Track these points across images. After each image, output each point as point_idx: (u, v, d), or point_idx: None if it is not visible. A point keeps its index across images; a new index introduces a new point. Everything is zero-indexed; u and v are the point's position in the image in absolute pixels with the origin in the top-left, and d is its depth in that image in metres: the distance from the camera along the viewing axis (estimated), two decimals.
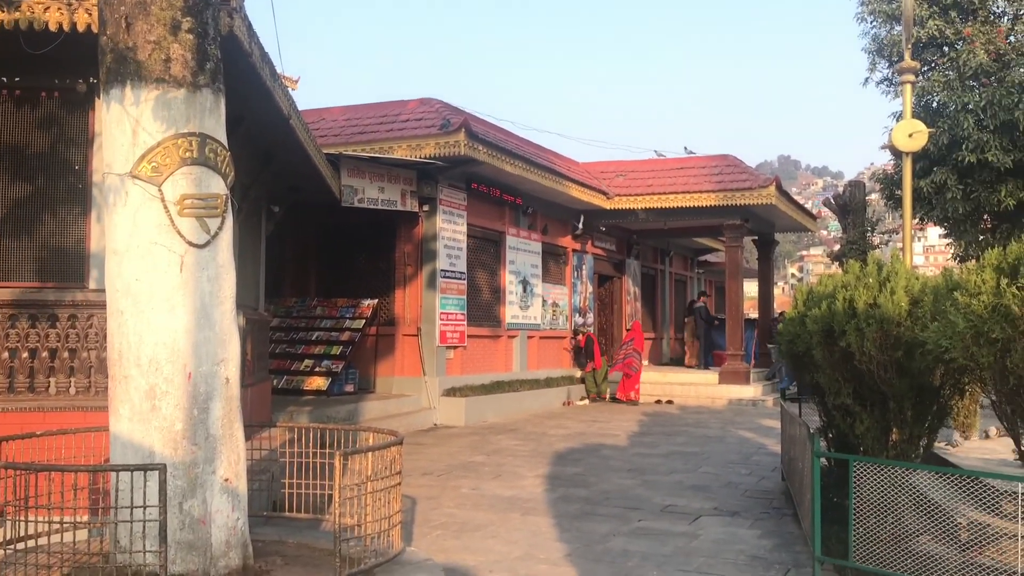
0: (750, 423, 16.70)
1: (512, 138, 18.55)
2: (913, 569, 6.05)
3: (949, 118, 17.78)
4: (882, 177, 22.24)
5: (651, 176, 21.52)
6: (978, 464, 8.03)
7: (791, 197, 22.70)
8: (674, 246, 28.82)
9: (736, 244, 21.62)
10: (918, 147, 14.56)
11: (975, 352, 5.46)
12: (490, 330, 18.12)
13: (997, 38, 18.38)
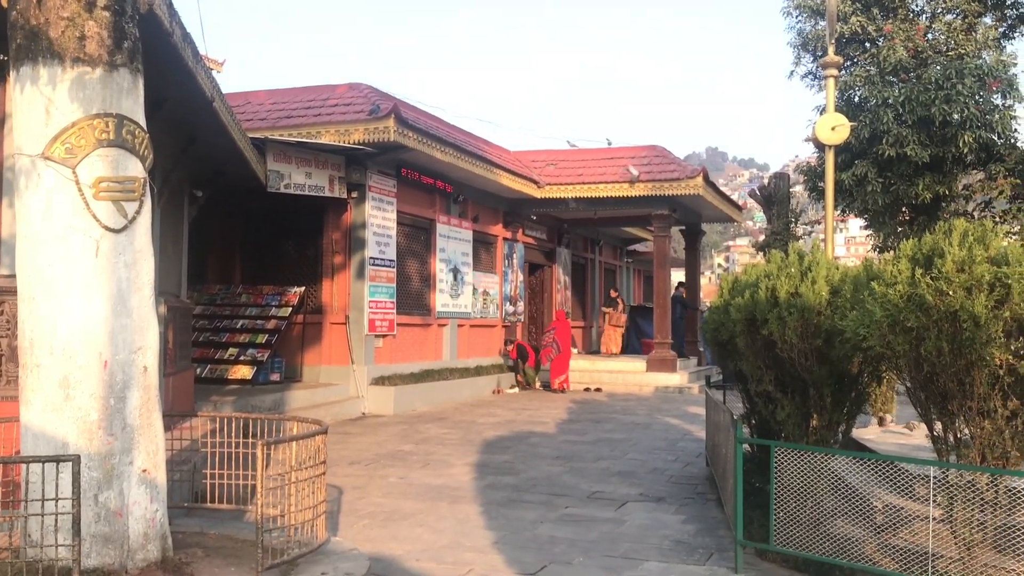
0: (677, 410, 16.95)
1: (443, 125, 18.44)
2: (831, 551, 6.21)
3: (870, 112, 18.24)
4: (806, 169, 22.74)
5: (581, 165, 21.65)
6: (894, 449, 8.26)
7: (717, 188, 23.07)
8: (604, 235, 29.07)
9: (664, 234, 21.89)
10: (840, 140, 14.90)
11: (891, 340, 5.61)
12: (420, 318, 18.03)
13: (916, 36, 18.91)
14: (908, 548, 5.91)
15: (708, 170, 21.86)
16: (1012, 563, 5.44)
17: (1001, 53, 18.68)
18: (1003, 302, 5.23)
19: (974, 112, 17.68)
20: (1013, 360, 5.24)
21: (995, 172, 18.66)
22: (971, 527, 5.52)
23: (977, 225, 5.64)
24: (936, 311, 5.38)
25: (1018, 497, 5.71)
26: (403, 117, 14.83)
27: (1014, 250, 5.33)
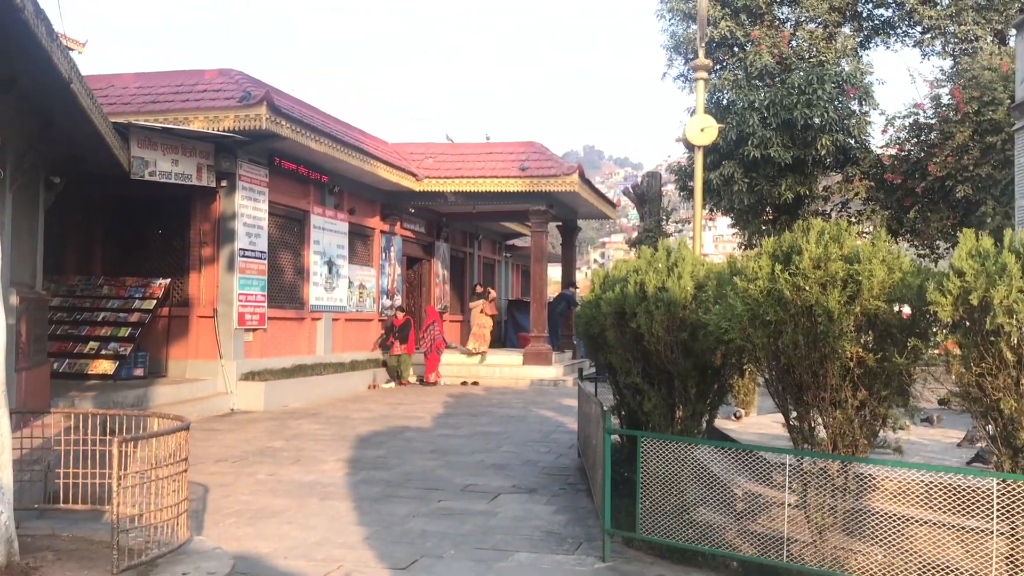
0: (551, 403, 17.17)
1: (318, 114, 18.09)
2: (694, 538, 6.41)
3: (737, 115, 18.89)
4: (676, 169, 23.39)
5: (460, 160, 21.63)
6: (754, 439, 8.58)
7: (593, 185, 23.47)
8: (483, 230, 29.15)
9: (541, 229, 22.12)
10: (709, 141, 15.40)
11: (751, 333, 5.83)
12: (293, 312, 17.64)
13: (781, 42, 19.72)
14: (766, 533, 6.16)
15: (585, 168, 22.21)
16: (860, 545, 5.74)
17: (858, 62, 19.66)
18: (855, 298, 5.50)
19: (833, 117, 18.57)
20: (863, 353, 5.53)
21: (851, 174, 19.66)
22: (823, 512, 5.79)
23: (833, 224, 5.91)
24: (793, 306, 5.62)
25: (866, 483, 6.03)
26: (276, 105, 14.46)
27: (866, 249, 5.62)
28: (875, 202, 19.73)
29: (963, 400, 5.25)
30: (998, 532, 5.07)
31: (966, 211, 17.78)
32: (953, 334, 5.16)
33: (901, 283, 5.45)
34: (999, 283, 4.85)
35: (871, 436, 5.80)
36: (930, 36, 21.50)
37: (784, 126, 18.56)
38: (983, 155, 17.22)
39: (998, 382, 4.96)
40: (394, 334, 20.32)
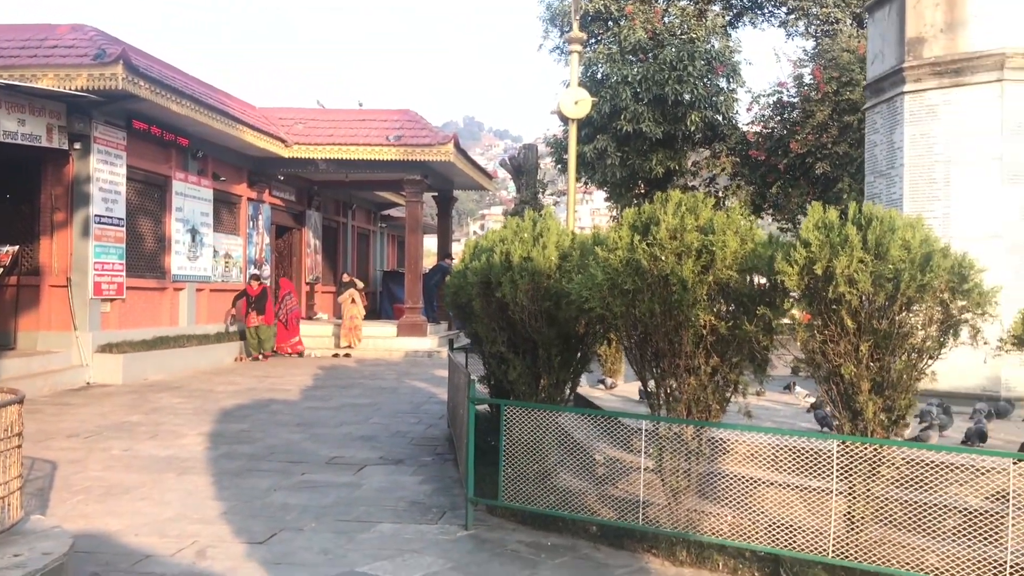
0: (424, 374, 17.11)
1: (180, 75, 17.31)
2: (555, 504, 6.48)
3: (611, 89, 19.13)
4: (553, 141, 23.55)
5: (332, 126, 21.14)
6: (618, 406, 8.75)
7: (469, 156, 23.37)
8: (357, 199, 28.67)
9: (416, 199, 21.90)
10: (583, 114, 15.53)
11: (611, 302, 5.90)
12: (155, 282, 16.93)
13: (654, 18, 20.03)
14: (624, 497, 6.29)
15: (464, 139, 22.11)
16: (712, 507, 5.93)
17: (727, 40, 20.17)
18: (708, 268, 5.64)
19: (702, 93, 19.06)
20: (715, 321, 5.67)
21: (719, 150, 20.26)
22: (678, 475, 5.94)
23: (690, 196, 6.03)
24: (650, 275, 5.71)
25: (719, 447, 6.23)
26: (133, 64, 13.73)
27: (720, 220, 5.75)
28: (741, 178, 20.40)
29: (808, 366, 5.46)
30: (838, 491, 5.32)
31: (825, 187, 18.59)
32: (800, 303, 5.35)
33: (753, 254, 5.61)
34: (841, 254, 5.04)
35: (723, 401, 5.98)
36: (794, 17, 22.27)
37: (656, 101, 18.92)
38: (841, 133, 18.01)
39: (839, 348, 5.17)
40: (250, 304, 19.24)
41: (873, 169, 9.50)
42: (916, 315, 5.17)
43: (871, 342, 5.13)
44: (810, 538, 5.41)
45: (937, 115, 8.57)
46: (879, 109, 9.35)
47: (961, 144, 8.46)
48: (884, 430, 5.27)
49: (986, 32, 8.34)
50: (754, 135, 19.84)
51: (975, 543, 5.02)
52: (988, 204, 8.32)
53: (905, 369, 5.22)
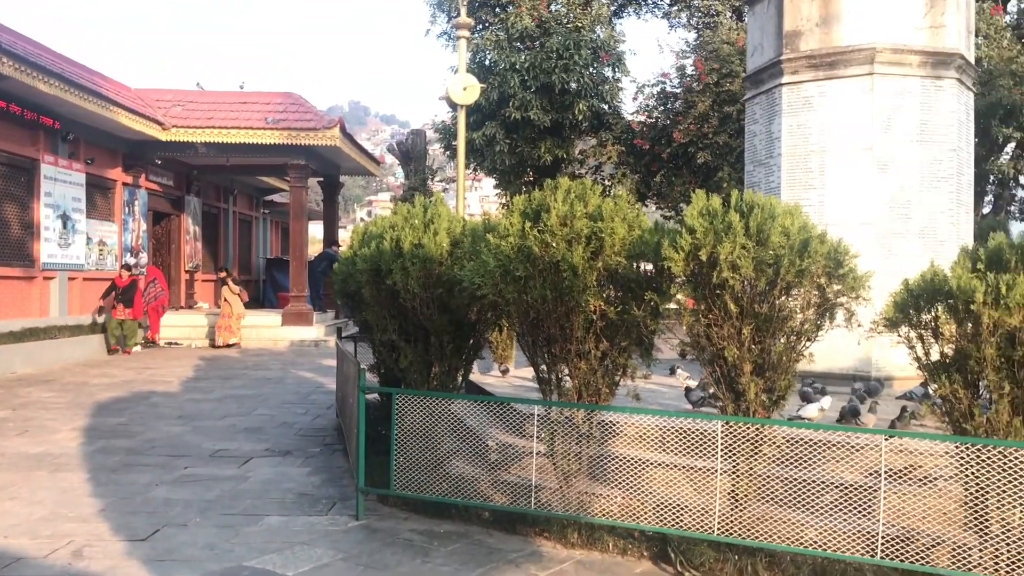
0: (311, 364, 16.81)
1: (48, 53, 16.43)
2: (448, 491, 6.47)
3: (499, 76, 19.15)
4: (441, 127, 23.43)
5: (212, 109, 20.46)
6: (510, 392, 8.81)
7: (356, 140, 23.03)
8: (239, 184, 27.87)
9: (301, 184, 21.45)
10: (470, 101, 15.50)
11: (503, 289, 5.91)
12: (22, 270, 16.04)
13: (541, 6, 20.12)
14: (516, 482, 6.33)
15: (350, 124, 21.73)
16: (602, 488, 6.03)
17: (612, 30, 20.44)
18: (598, 254, 5.71)
19: (588, 82, 19.29)
20: (605, 306, 5.76)
21: (605, 139, 20.56)
22: (569, 459, 6.02)
23: (579, 183, 6.09)
24: (542, 261, 5.74)
25: (609, 430, 6.34)
26: None
27: (608, 207, 5.83)
28: (626, 166, 20.76)
29: (693, 349, 5.61)
30: (722, 471, 5.48)
31: (706, 176, 19.11)
32: (685, 288, 5.48)
33: (640, 240, 5.71)
34: (725, 240, 5.18)
35: (613, 385, 6.08)
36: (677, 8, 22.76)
37: (543, 89, 19.05)
38: (721, 124, 18.54)
39: (723, 332, 5.32)
40: (117, 296, 18.01)
41: (753, 158, 9.81)
42: (795, 299, 5.36)
43: (753, 325, 5.30)
44: (696, 516, 5.57)
45: (813, 106, 8.91)
46: (758, 100, 9.66)
47: (835, 135, 8.82)
48: (765, 410, 5.46)
49: (858, 27, 8.70)
50: (639, 124, 20.22)
51: (851, 517, 5.26)
52: (860, 193, 8.71)
53: (785, 351, 5.41)
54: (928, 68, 8.69)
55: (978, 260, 4.90)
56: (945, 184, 8.76)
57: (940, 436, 5.13)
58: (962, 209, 9.01)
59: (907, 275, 5.36)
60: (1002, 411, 4.75)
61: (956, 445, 4.90)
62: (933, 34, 8.73)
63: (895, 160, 8.68)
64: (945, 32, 8.73)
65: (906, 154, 8.67)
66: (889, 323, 5.19)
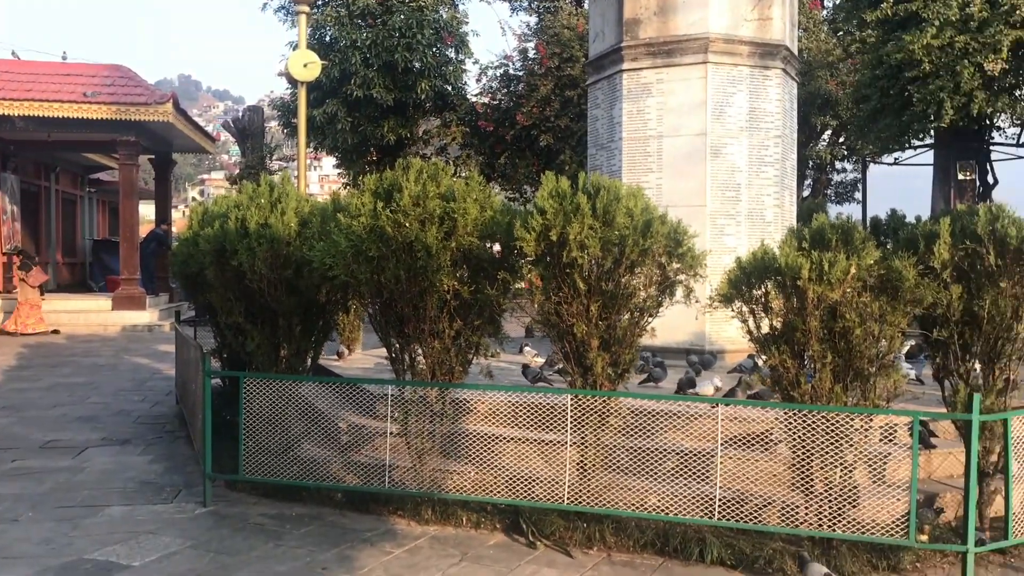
0: (146, 350, 16.10)
1: None
2: (299, 475, 6.42)
3: (340, 53, 18.82)
4: (280, 104, 22.82)
5: (31, 80, 19.11)
6: (360, 374, 8.76)
7: (190, 117, 22.06)
8: (62, 161, 26.14)
9: (131, 162, 20.39)
10: (312, 77, 15.16)
11: (355, 269, 5.90)
12: None
13: None
14: (369, 463, 6.35)
15: (181, 99, 20.80)
16: (456, 465, 6.13)
17: (455, 10, 20.44)
18: (451, 234, 5.78)
19: (432, 62, 19.25)
20: (458, 286, 5.84)
21: (449, 120, 20.59)
22: (423, 437, 6.09)
23: (431, 164, 6.13)
24: (395, 241, 5.76)
25: (462, 407, 6.44)
26: None
27: (460, 187, 5.90)
28: (470, 148, 20.88)
29: (544, 326, 5.79)
30: (571, 443, 5.70)
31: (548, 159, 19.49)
32: (536, 267, 5.64)
33: (492, 221, 5.82)
34: (574, 220, 5.36)
35: (466, 363, 6.18)
36: None
37: (386, 68, 18.87)
38: (563, 107, 18.94)
39: (572, 309, 5.52)
40: None
41: (595, 142, 10.12)
42: (638, 277, 5.62)
43: (600, 303, 5.52)
44: (547, 488, 5.77)
45: (652, 93, 9.27)
46: (600, 86, 9.95)
47: (672, 121, 9.21)
48: (611, 383, 5.70)
49: (693, 17, 9.11)
50: (482, 106, 20.36)
51: (690, 482, 5.58)
52: (695, 176, 9.15)
53: (629, 327, 5.67)
54: (757, 58, 9.21)
55: (803, 239, 5.28)
56: (772, 169, 9.33)
57: (770, 403, 5.52)
58: (787, 192, 9.62)
59: (738, 254, 5.73)
60: (825, 379, 5.17)
61: (784, 411, 5.29)
62: (761, 26, 9.25)
63: (727, 145, 9.16)
64: (772, 25, 9.27)
65: (736, 140, 9.17)
66: (724, 299, 5.52)
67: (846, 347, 5.07)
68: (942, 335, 5.43)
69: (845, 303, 4.99)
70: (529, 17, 23.10)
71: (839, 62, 20.56)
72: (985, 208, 5.29)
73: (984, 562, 5.33)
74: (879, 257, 5.10)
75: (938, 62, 13.75)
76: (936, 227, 5.35)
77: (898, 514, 5.18)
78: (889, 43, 14.57)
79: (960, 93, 13.71)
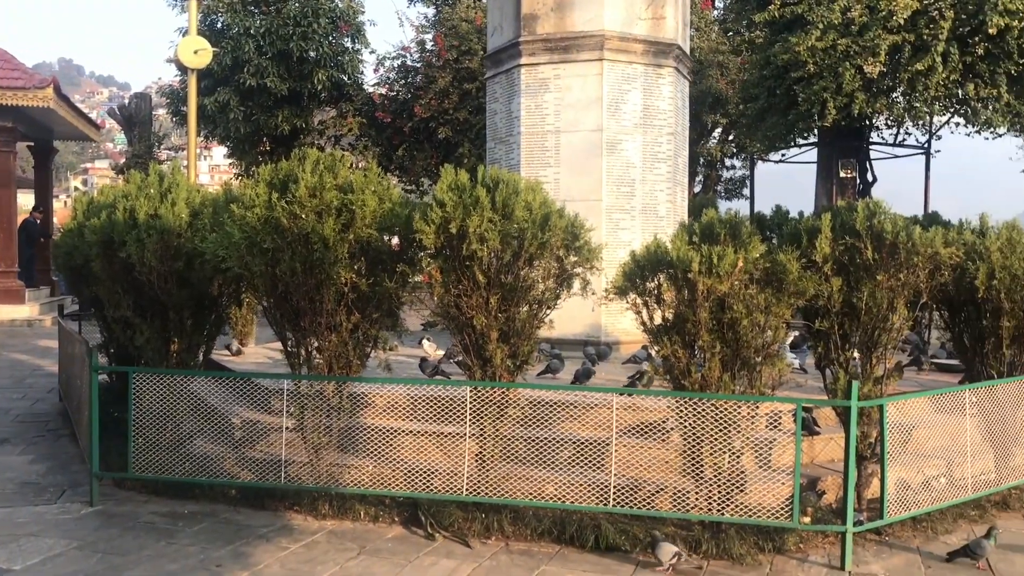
0: (25, 345, 15.38)
1: None
2: (191, 471, 6.27)
3: (233, 40, 18.36)
4: (169, 92, 22.12)
5: None
6: (254, 368, 8.60)
7: (72, 103, 21.15)
8: None
9: (7, 149, 19.40)
10: (203, 64, 14.79)
11: (249, 261, 5.79)
12: None
13: None
14: (264, 459, 6.25)
15: (62, 84, 19.91)
16: (354, 459, 6.10)
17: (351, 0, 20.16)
18: (349, 226, 5.73)
19: (328, 52, 18.97)
20: (356, 279, 5.80)
21: (345, 110, 20.32)
22: (319, 432, 6.03)
23: (328, 155, 6.06)
24: (290, 233, 5.69)
25: (360, 401, 6.40)
26: None
27: (358, 179, 5.86)
28: (367, 139, 20.65)
29: (443, 319, 5.80)
30: (470, 434, 5.74)
31: (447, 151, 19.45)
32: (436, 260, 5.64)
33: (391, 213, 5.80)
34: (474, 213, 5.40)
35: (364, 357, 6.15)
36: None
37: (280, 56, 18.50)
38: (462, 100, 18.93)
39: (472, 301, 5.55)
40: None
41: (494, 136, 10.17)
42: (537, 270, 5.69)
43: (499, 295, 5.57)
44: (446, 480, 5.79)
45: (549, 88, 9.38)
46: (498, 80, 10.01)
47: (569, 116, 9.34)
48: (510, 374, 5.76)
49: (590, 14, 9.24)
50: (380, 97, 20.16)
51: (587, 470, 5.69)
52: (591, 171, 9.30)
53: (528, 319, 5.74)
54: (650, 57, 9.41)
55: (694, 234, 5.45)
56: (664, 165, 9.56)
57: (663, 392, 5.67)
58: (679, 188, 9.88)
59: (632, 248, 5.86)
60: (714, 368, 5.35)
61: (676, 400, 5.45)
62: (655, 25, 9.45)
63: (622, 142, 9.34)
64: (665, 24, 9.49)
65: (631, 137, 9.36)
66: (618, 291, 5.65)
67: (734, 337, 5.25)
68: (823, 326, 5.68)
69: (733, 295, 5.18)
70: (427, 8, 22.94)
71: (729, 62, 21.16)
72: (863, 205, 5.56)
73: (863, 541, 5.62)
74: (765, 251, 5.31)
75: (821, 64, 14.30)
76: (818, 223, 5.59)
77: (783, 498, 5.41)
78: (776, 44, 15.07)
79: (842, 94, 14.30)
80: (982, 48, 13.59)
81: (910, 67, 13.83)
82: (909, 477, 5.82)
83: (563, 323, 6.59)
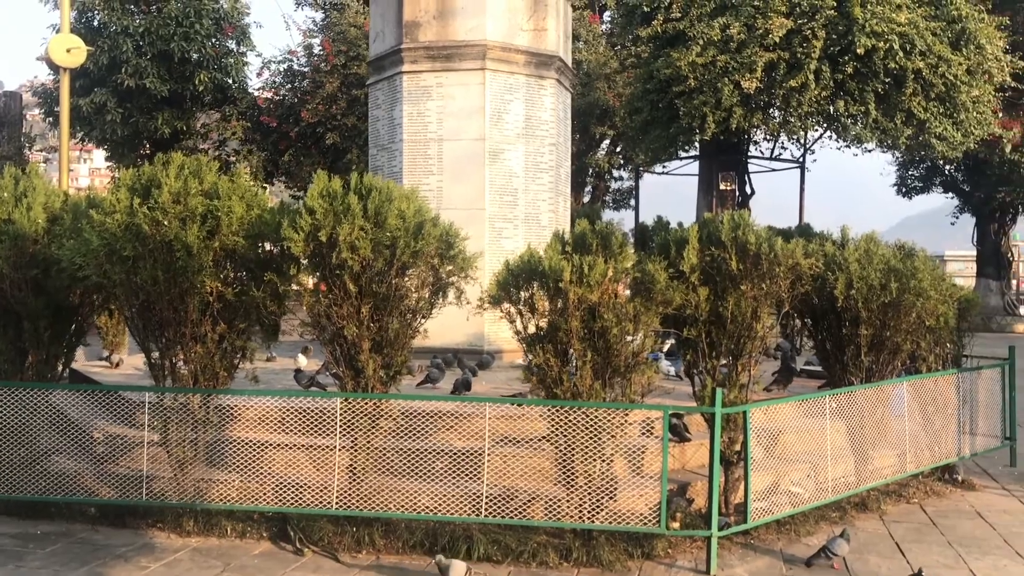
0: None
1: None
2: (47, 489, 5.97)
3: (110, 39, 17.72)
4: (41, 91, 21.22)
5: None
6: (123, 380, 8.26)
7: None
8: None
9: None
10: (77, 64, 14.19)
11: (108, 269, 5.54)
12: None
13: None
14: (127, 474, 5.99)
15: None
16: (221, 474, 5.91)
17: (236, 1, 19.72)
18: (214, 233, 5.55)
19: (211, 53, 18.48)
20: (222, 287, 5.62)
21: (229, 114, 19.83)
22: (185, 446, 5.81)
23: (193, 159, 5.86)
24: (152, 240, 5.47)
25: (227, 414, 6.21)
26: None
27: (225, 185, 5.68)
28: (252, 143, 20.21)
29: (314, 328, 5.67)
30: (341, 447, 5.63)
31: (335, 157, 19.19)
32: (306, 268, 5.52)
33: (260, 220, 5.64)
34: (344, 221, 5.30)
35: (231, 368, 5.96)
36: None
37: (161, 57, 17.94)
38: (350, 106, 18.72)
39: (343, 311, 5.45)
40: None
41: (376, 143, 10.06)
42: (411, 279, 5.63)
43: (371, 304, 5.48)
44: (316, 494, 5.66)
45: (432, 96, 9.33)
46: (381, 86, 9.91)
47: (452, 125, 9.31)
48: (383, 385, 5.68)
49: (472, 24, 9.25)
50: (265, 101, 19.77)
51: (460, 481, 5.66)
52: (474, 180, 9.29)
53: (401, 329, 5.66)
54: (532, 68, 9.48)
55: (566, 244, 5.49)
56: (546, 175, 9.64)
57: (535, 401, 5.69)
58: (561, 198, 9.97)
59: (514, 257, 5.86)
60: (586, 376, 5.39)
61: (548, 408, 5.47)
62: (537, 36, 9.53)
63: (504, 151, 9.37)
64: (547, 36, 9.58)
65: (514, 146, 9.40)
66: (493, 300, 5.64)
67: (605, 345, 5.31)
68: (691, 334, 5.80)
69: (603, 304, 5.23)
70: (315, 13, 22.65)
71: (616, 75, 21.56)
72: (728, 216, 5.71)
73: (729, 544, 5.75)
74: (635, 261, 5.39)
75: (702, 79, 14.72)
76: (686, 234, 5.71)
77: (653, 504, 5.49)
78: (659, 59, 15.44)
79: (721, 108, 14.75)
80: (851, 67, 14.24)
81: (785, 84, 14.37)
82: (774, 481, 5.99)
83: (444, 332, 6.55)
